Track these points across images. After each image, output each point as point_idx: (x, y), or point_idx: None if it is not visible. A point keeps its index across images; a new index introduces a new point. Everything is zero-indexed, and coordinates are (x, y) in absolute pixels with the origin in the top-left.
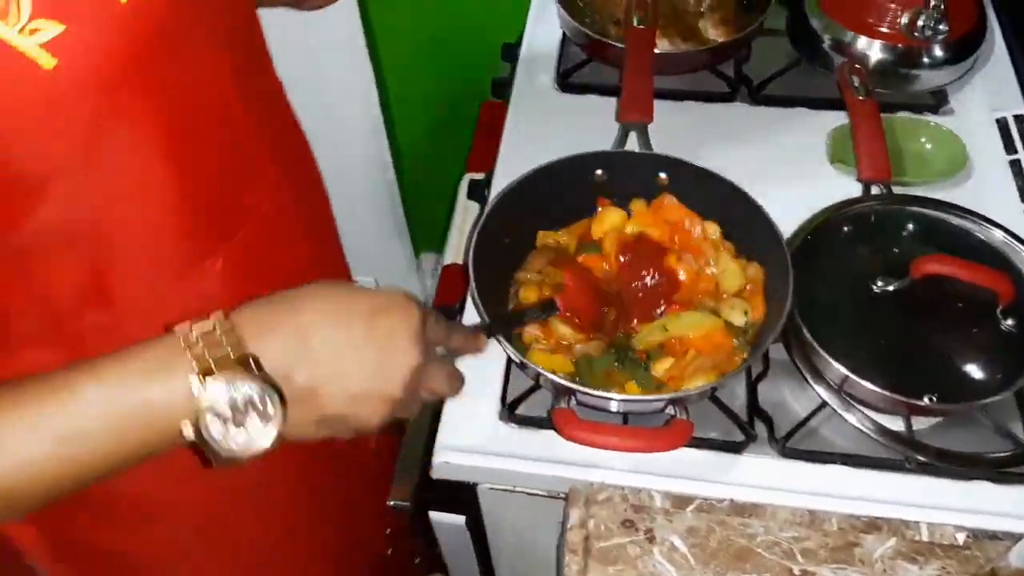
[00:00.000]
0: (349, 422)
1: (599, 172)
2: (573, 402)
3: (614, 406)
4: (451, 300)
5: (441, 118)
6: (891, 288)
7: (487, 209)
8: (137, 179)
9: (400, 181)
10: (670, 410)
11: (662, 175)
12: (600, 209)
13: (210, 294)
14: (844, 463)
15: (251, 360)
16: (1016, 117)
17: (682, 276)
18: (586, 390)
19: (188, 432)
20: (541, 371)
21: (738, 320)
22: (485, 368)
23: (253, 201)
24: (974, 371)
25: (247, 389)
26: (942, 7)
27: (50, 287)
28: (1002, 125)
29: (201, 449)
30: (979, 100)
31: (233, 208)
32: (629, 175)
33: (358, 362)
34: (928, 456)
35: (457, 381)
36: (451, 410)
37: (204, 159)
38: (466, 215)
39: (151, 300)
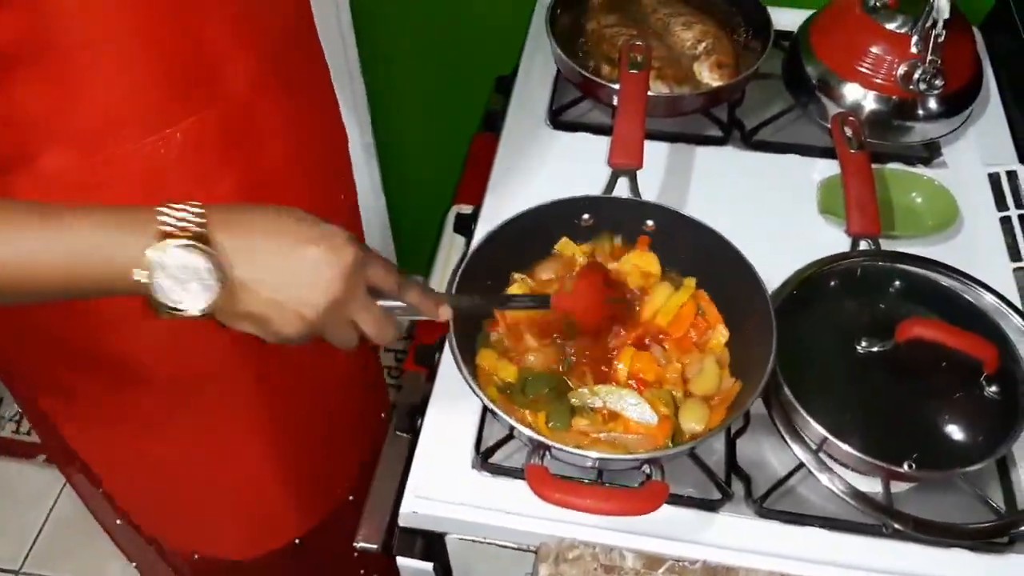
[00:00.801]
0: (269, 325)
1: (586, 216)
2: (548, 457)
3: (589, 462)
4: (431, 337)
5: (433, 145)
6: (875, 349)
7: (470, 251)
8: (103, 20)
9: (388, 204)
10: (646, 468)
11: (649, 222)
12: (639, 248)
13: (166, 163)
14: (821, 526)
15: (208, 239)
16: (1008, 173)
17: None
18: (561, 446)
19: (140, 277)
20: (514, 424)
21: (687, 425)
22: (459, 414)
23: (225, 87)
24: (955, 437)
25: (196, 259)
26: (939, 62)
27: (13, 107)
28: (994, 180)
29: (145, 298)
30: (972, 153)
31: (200, 86)
32: (616, 220)
33: (282, 276)
34: (906, 525)
35: (386, 329)
36: (423, 455)
37: (175, 23)
38: (451, 248)
39: (110, 150)
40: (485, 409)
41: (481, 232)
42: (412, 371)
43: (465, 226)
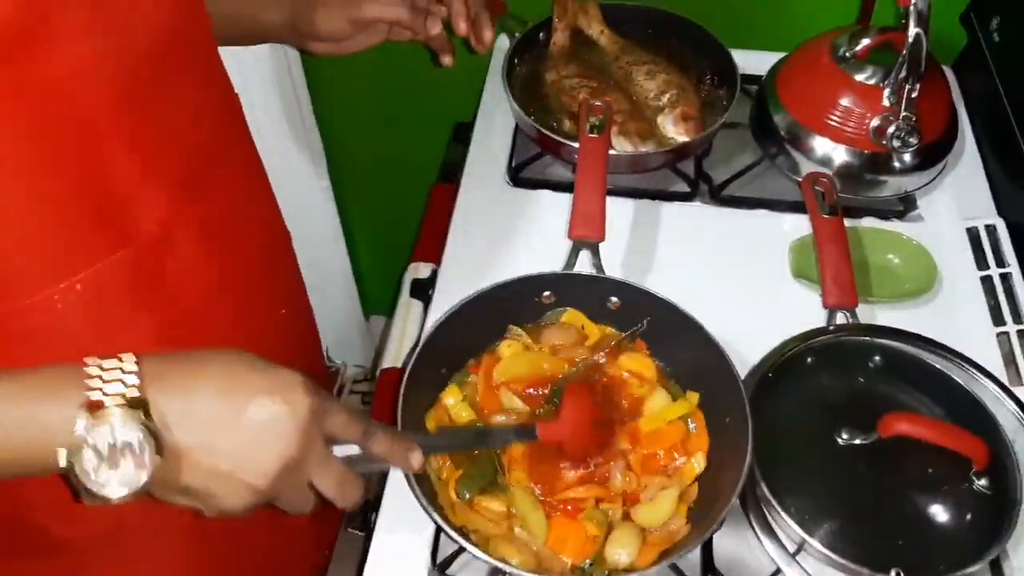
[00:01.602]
0: (211, 500)
1: (547, 294)
2: None
3: None
4: (385, 412)
5: (392, 192)
6: (857, 441)
7: (424, 339)
8: None
9: (350, 249)
10: None
11: (614, 299)
12: (637, 351)
13: (65, 319)
14: None
15: (143, 405)
16: (987, 227)
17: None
18: (522, 573)
19: (62, 461)
20: (469, 548)
21: (613, 554)
22: (416, 511)
23: (133, 229)
24: (945, 537)
25: (130, 433)
26: (913, 119)
27: None
28: (973, 236)
29: (71, 481)
30: (948, 206)
31: (103, 231)
32: (579, 298)
33: (230, 441)
34: None
35: (351, 488)
36: (375, 564)
37: (77, 166)
38: (408, 315)
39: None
40: None
41: (435, 314)
42: None
43: (422, 291)
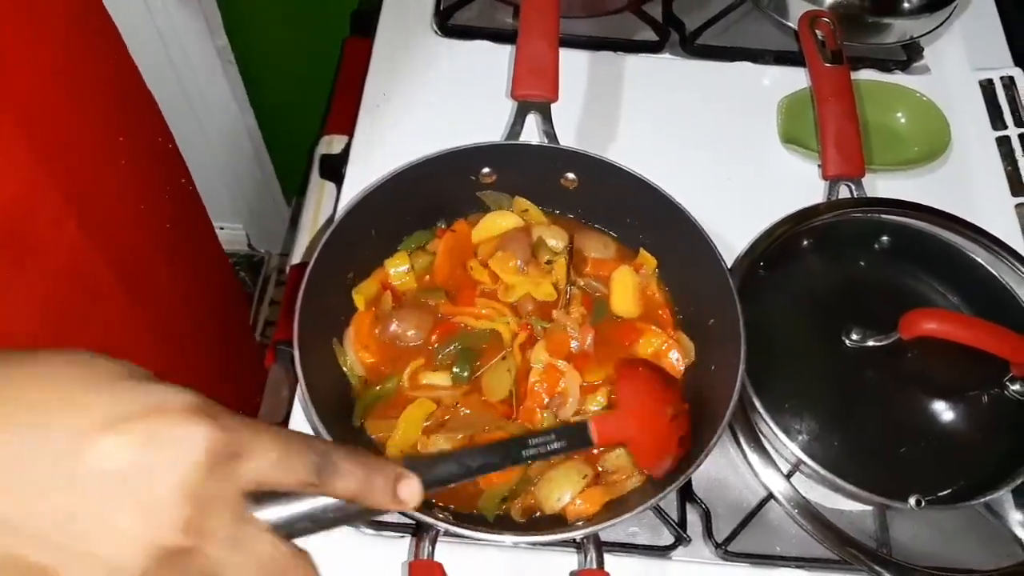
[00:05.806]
0: None
1: (486, 171)
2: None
3: (508, 542)
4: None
5: (300, 46)
6: (870, 343)
7: (327, 233)
8: None
9: (261, 121)
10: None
11: (570, 175)
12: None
13: None
14: (799, 566)
15: None
16: (1003, 80)
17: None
18: (469, 532)
19: None
20: None
21: (545, 499)
22: None
23: None
24: (971, 456)
25: None
26: None
27: None
28: (987, 90)
29: None
30: (958, 55)
31: None
32: (526, 175)
33: (49, 513)
34: None
35: (292, 571)
36: None
37: None
38: (321, 196)
39: None
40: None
41: (348, 195)
42: (274, 367)
43: (334, 169)
